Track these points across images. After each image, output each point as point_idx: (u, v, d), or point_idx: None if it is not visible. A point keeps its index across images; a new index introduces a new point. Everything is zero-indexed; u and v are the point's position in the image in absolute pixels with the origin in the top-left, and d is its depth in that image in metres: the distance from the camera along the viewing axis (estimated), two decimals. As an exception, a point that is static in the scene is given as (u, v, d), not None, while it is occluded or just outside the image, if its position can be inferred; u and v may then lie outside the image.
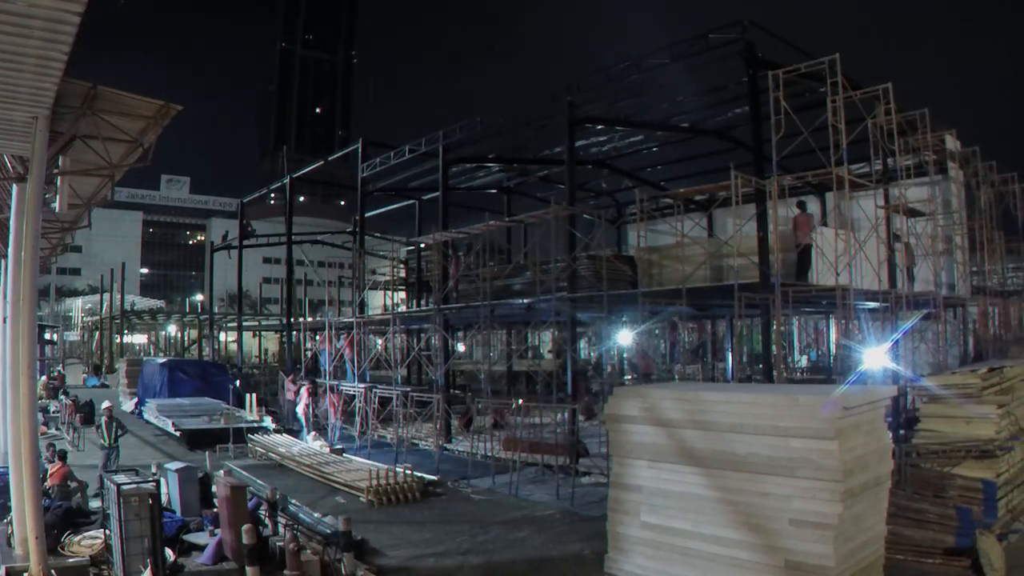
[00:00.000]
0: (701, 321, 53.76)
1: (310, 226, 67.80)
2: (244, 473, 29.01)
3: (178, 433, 38.91)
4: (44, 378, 58.37)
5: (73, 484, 23.86)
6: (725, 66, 31.43)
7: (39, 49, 14.32)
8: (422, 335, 53.51)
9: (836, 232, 26.51)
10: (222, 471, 24.99)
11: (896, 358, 29.14)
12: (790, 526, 14.40)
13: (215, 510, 20.87)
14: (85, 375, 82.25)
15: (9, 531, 17.89)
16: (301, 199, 66.69)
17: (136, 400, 52.44)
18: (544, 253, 33.49)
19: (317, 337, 55.35)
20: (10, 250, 18.70)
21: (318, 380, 43.60)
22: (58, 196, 21.74)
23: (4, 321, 22.19)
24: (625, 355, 53.38)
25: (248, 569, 17.29)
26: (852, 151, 27.05)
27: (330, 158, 63.26)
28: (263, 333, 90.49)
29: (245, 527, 17.57)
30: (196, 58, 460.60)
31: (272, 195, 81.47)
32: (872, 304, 29.56)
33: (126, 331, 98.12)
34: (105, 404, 30.47)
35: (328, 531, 20.46)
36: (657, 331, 53.14)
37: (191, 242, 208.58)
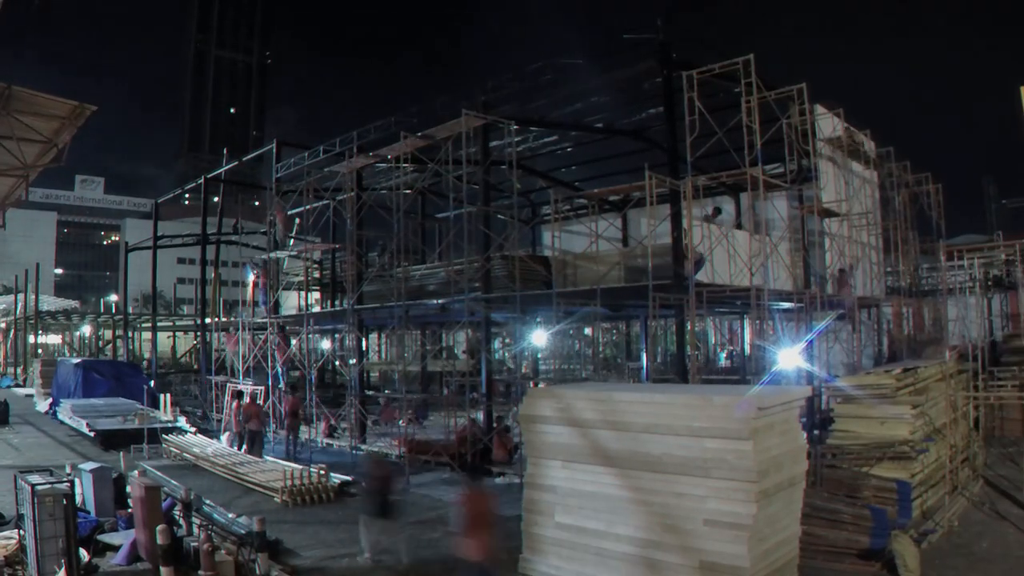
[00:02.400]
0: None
1: (224, 226, 67.36)
2: (159, 473, 28.65)
3: (92, 433, 38.53)
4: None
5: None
6: (640, 66, 31.33)
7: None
8: (336, 335, 53.30)
9: (750, 235, 26.42)
10: (136, 472, 24.71)
11: (810, 358, 29.23)
12: (705, 526, 14.35)
13: (130, 510, 20.73)
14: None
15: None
16: (215, 199, 66.10)
17: (51, 400, 51.85)
18: (458, 253, 33.35)
19: (222, 337, 55.00)
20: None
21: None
22: (-29, 197, 21.49)
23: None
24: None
25: (162, 569, 17.13)
26: (767, 151, 27.08)
27: (244, 158, 62.84)
28: (178, 333, 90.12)
29: (159, 527, 17.42)
30: (111, 58, 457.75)
31: (187, 195, 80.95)
32: (786, 304, 29.61)
33: (41, 331, 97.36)
34: None
35: (242, 531, 20.24)
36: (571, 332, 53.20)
37: (106, 242, 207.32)
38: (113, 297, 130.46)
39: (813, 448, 20.26)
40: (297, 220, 46.87)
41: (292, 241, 43.62)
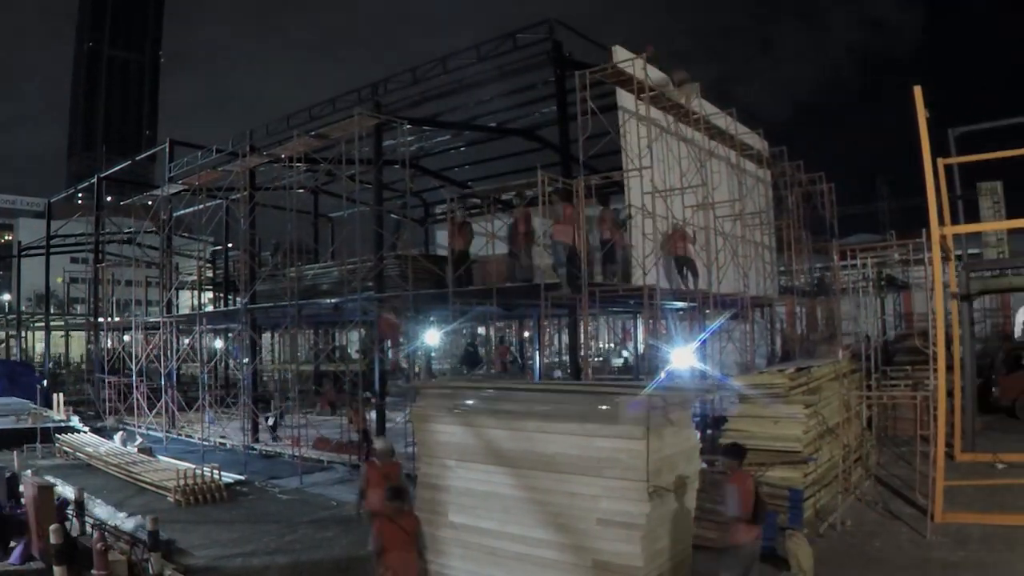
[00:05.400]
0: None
1: (119, 226, 66.84)
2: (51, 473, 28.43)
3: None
4: None
5: None
6: (533, 64, 31.26)
7: None
8: (230, 334, 53.02)
9: (643, 233, 26.35)
10: (30, 471, 24.42)
11: (704, 358, 29.28)
12: (598, 526, 14.38)
13: (23, 510, 20.38)
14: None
15: None
16: (109, 199, 65.38)
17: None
18: (352, 253, 33.22)
19: (126, 337, 54.46)
20: None
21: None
22: None
23: None
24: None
25: (56, 569, 16.91)
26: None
27: (137, 158, 62.56)
28: (71, 333, 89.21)
29: (52, 527, 17.18)
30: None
31: (80, 195, 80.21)
32: (680, 304, 29.65)
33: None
34: None
35: (135, 531, 20.10)
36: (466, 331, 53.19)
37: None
38: (6, 296, 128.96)
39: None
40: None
41: None
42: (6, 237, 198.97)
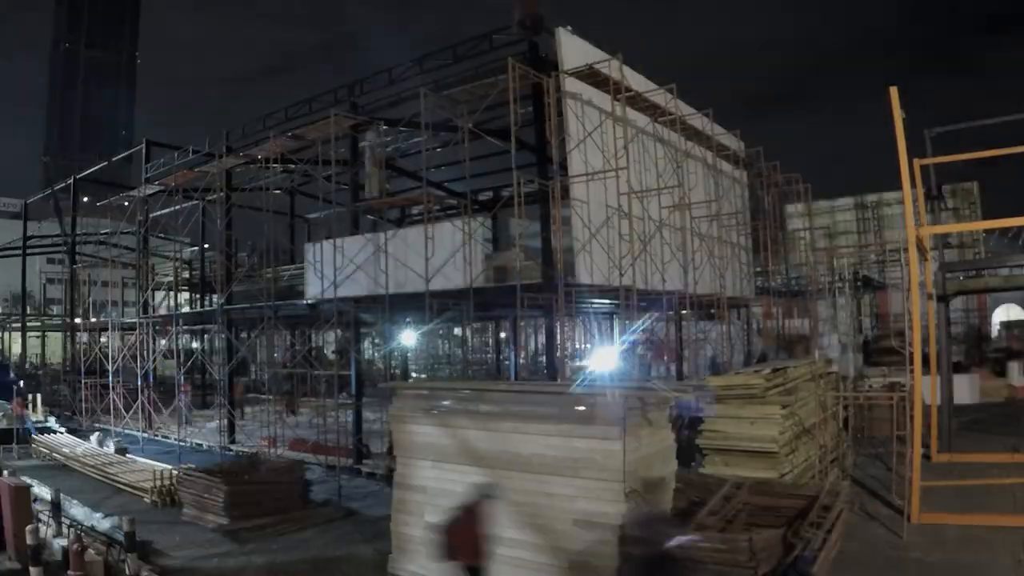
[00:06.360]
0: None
1: (95, 227, 66.63)
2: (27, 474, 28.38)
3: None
4: None
5: None
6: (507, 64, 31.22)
7: None
8: (206, 335, 52.93)
9: (619, 233, 26.34)
10: (6, 472, 24.37)
11: (680, 358, 29.27)
12: (574, 527, 14.44)
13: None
14: None
15: None
16: (85, 199, 65.15)
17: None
18: (328, 254, 33.19)
19: (103, 338, 54.27)
20: None
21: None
22: None
23: None
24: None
25: (31, 569, 16.87)
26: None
27: (114, 159, 62.24)
28: (47, 333, 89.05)
29: (28, 527, 17.13)
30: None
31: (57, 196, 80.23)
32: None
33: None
34: None
35: (110, 531, 20.08)
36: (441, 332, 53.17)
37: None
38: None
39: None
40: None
41: None
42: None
